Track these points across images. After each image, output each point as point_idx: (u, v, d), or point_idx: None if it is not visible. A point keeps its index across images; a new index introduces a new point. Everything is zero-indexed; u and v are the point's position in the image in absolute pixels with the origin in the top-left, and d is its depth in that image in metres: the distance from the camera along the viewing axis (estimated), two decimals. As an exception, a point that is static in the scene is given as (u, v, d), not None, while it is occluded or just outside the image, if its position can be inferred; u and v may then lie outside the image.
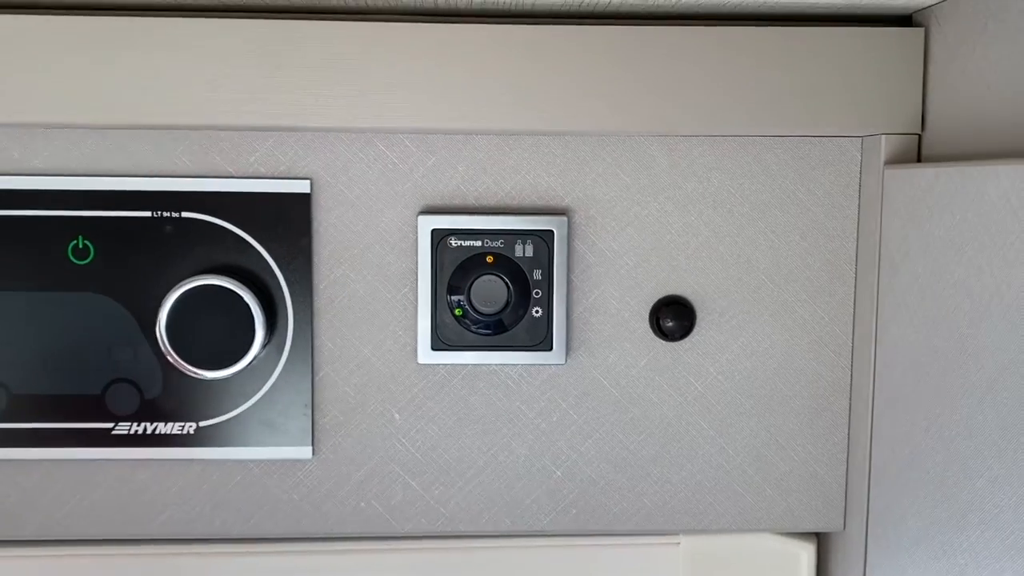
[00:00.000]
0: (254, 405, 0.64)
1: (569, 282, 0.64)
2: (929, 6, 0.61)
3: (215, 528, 0.65)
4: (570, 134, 0.63)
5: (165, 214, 0.62)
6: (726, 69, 0.61)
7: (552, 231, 0.63)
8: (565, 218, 0.63)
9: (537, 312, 0.64)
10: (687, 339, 0.65)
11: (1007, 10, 0.53)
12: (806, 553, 0.69)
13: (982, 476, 0.51)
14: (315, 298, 0.64)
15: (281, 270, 0.63)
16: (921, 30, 0.61)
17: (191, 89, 0.59)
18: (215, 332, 0.61)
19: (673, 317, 0.64)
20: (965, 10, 0.57)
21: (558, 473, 0.66)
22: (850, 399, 0.66)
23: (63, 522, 0.65)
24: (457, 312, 0.63)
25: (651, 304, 0.65)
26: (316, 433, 0.65)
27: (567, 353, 0.65)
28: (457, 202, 0.64)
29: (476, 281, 0.63)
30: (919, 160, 0.62)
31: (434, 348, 0.64)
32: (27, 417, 0.63)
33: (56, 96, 0.59)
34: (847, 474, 0.67)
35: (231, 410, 0.64)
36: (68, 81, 0.59)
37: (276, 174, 0.63)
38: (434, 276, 0.63)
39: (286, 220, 0.63)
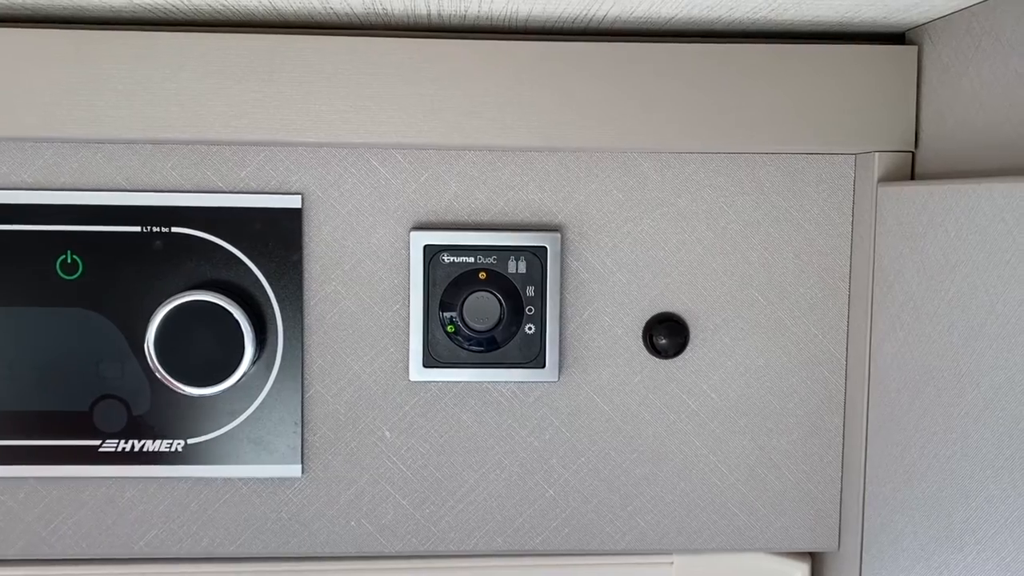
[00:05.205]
0: (243, 422, 0.63)
1: (562, 299, 0.64)
2: (923, 24, 0.61)
3: (203, 547, 0.65)
4: (563, 150, 0.63)
5: (155, 229, 0.62)
6: (719, 86, 0.61)
7: (545, 247, 0.63)
8: (558, 234, 0.63)
9: (530, 329, 0.63)
10: (680, 356, 0.65)
11: (1000, 29, 0.53)
12: (800, 573, 0.68)
13: (978, 496, 0.50)
14: (306, 314, 0.63)
15: (271, 286, 0.63)
16: (915, 48, 0.62)
17: (181, 103, 0.59)
18: (204, 348, 0.60)
19: (666, 334, 0.64)
20: (958, 28, 0.57)
21: (550, 492, 0.66)
22: (844, 417, 0.66)
23: (49, 540, 0.64)
24: (449, 329, 0.63)
25: (644, 321, 0.65)
26: (306, 451, 0.64)
27: (560, 370, 0.64)
28: (450, 218, 0.63)
29: (468, 298, 0.63)
30: (912, 177, 0.62)
31: (426, 365, 0.63)
32: (13, 434, 0.62)
33: (45, 110, 0.58)
34: (842, 493, 0.66)
35: (220, 427, 0.63)
36: (57, 95, 0.58)
37: (267, 189, 0.62)
38: (426, 292, 0.63)
39: (277, 235, 0.62)
